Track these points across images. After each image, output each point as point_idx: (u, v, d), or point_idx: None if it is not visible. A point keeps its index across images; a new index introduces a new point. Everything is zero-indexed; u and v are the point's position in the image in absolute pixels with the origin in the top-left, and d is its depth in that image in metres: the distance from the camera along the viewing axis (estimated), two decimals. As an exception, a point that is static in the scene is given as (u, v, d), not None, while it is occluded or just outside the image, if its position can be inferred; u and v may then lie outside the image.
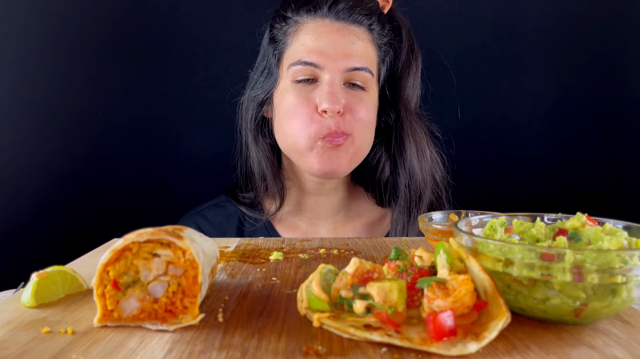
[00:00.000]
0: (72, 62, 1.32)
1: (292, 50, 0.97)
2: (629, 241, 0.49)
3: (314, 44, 0.94)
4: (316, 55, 0.94)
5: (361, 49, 0.96)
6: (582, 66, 1.40)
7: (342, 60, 0.94)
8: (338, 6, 0.96)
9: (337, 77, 0.94)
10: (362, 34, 0.97)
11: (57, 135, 1.32)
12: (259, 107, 1.05)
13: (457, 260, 0.47)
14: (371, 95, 0.99)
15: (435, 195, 1.06)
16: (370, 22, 0.98)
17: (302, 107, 0.94)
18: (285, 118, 0.97)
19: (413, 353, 0.40)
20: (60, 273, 0.55)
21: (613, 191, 1.42)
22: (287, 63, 0.98)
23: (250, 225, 1.07)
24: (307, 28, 0.96)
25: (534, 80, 1.41)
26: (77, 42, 1.32)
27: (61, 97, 1.32)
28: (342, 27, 0.96)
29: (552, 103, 1.41)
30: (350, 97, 0.95)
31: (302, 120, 0.94)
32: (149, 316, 0.46)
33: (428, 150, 1.04)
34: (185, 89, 1.36)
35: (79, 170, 1.33)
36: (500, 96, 1.41)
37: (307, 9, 0.97)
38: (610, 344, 0.42)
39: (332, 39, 0.94)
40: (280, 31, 1.00)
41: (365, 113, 0.97)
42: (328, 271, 0.49)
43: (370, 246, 0.78)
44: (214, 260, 0.54)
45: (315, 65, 0.94)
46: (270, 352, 0.40)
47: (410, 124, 1.03)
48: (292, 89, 0.96)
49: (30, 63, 1.30)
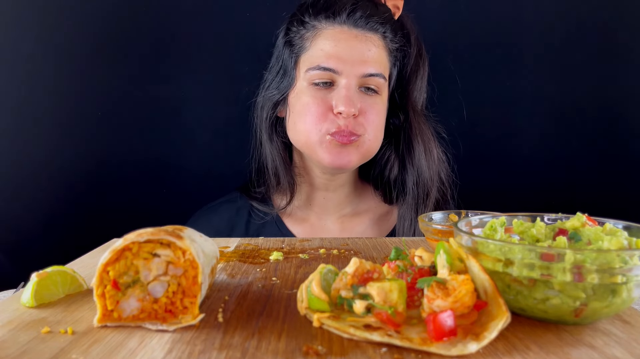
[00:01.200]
0: (71, 62, 1.32)
1: (310, 55, 1.01)
2: (629, 241, 0.49)
3: (333, 50, 0.99)
4: (334, 61, 0.98)
5: (376, 56, 1.01)
6: (584, 66, 1.40)
7: (359, 66, 0.98)
8: (356, 14, 1.00)
9: (353, 82, 0.99)
10: (377, 40, 1.02)
11: (57, 135, 1.32)
12: (274, 107, 1.09)
13: (457, 260, 0.47)
14: (383, 98, 1.04)
15: (441, 192, 1.10)
16: (384, 29, 1.03)
17: (316, 107, 0.99)
18: (299, 116, 1.02)
19: (413, 353, 0.40)
20: (60, 273, 0.55)
21: (613, 191, 1.42)
22: (304, 67, 1.02)
23: (260, 218, 1.11)
24: (326, 34, 1.01)
25: (537, 81, 1.41)
26: (76, 42, 1.31)
27: (61, 97, 1.32)
28: (359, 34, 1.00)
29: (554, 103, 1.41)
30: (364, 101, 1.00)
31: (316, 117, 0.99)
32: (149, 316, 0.46)
33: (435, 149, 1.09)
34: (185, 89, 1.36)
35: (79, 170, 1.33)
36: (502, 96, 1.41)
37: (327, 14, 1.01)
38: (610, 344, 0.42)
39: (350, 45, 0.99)
40: (298, 34, 1.04)
41: (377, 117, 1.02)
42: (328, 271, 0.49)
43: (370, 246, 0.78)
44: (214, 260, 0.54)
45: (333, 70, 0.98)
46: (270, 352, 0.40)
47: (418, 125, 1.07)
48: (309, 91, 1.00)
49: (29, 63, 1.30)
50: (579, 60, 1.39)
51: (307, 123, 1.00)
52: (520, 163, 1.42)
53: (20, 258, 1.29)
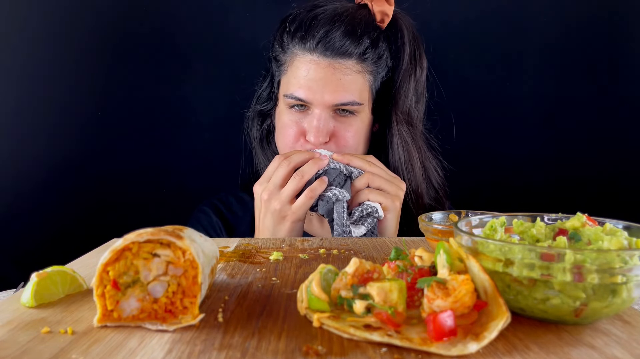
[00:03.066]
0: (72, 63, 1.32)
1: (287, 80, 1.05)
2: (629, 241, 0.49)
3: (303, 81, 1.00)
4: (305, 91, 1.00)
5: (350, 82, 1.00)
6: (583, 67, 1.40)
7: (330, 96, 0.99)
8: (327, 41, 0.98)
9: (324, 112, 1.01)
10: (352, 65, 1.00)
11: (57, 135, 1.32)
12: (263, 121, 1.15)
13: (457, 260, 0.47)
14: (362, 117, 1.05)
15: (430, 198, 1.11)
16: (361, 50, 1.00)
17: (290, 129, 1.03)
18: (279, 133, 1.08)
19: (413, 353, 0.40)
20: (60, 273, 0.55)
21: (613, 191, 1.42)
22: (283, 90, 1.05)
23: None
24: (300, 61, 1.01)
25: (535, 81, 1.41)
26: (76, 42, 1.32)
27: (61, 98, 1.32)
28: (329, 63, 0.99)
29: (552, 104, 1.41)
30: (339, 123, 1.02)
31: (288, 141, 1.04)
32: (148, 316, 0.46)
33: (422, 156, 1.09)
34: (185, 89, 1.37)
35: (79, 170, 1.34)
36: (500, 97, 1.41)
37: (301, 38, 1.01)
38: (610, 344, 0.42)
39: (321, 76, 0.99)
40: (280, 54, 1.06)
41: (352, 136, 1.03)
42: (328, 271, 0.49)
43: (370, 246, 0.78)
44: (214, 260, 0.54)
45: (304, 101, 1.01)
46: (270, 352, 0.40)
47: (401, 132, 1.07)
48: (287, 113, 1.05)
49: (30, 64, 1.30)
50: (578, 62, 1.40)
51: (283, 143, 1.06)
52: (520, 163, 1.42)
53: (20, 258, 1.29)
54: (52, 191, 1.32)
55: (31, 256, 1.29)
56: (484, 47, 1.39)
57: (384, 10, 1.04)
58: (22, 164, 1.31)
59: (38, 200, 1.32)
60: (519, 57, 1.40)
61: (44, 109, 1.31)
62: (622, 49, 1.40)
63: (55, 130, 1.32)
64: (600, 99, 1.40)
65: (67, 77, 1.31)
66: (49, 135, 1.32)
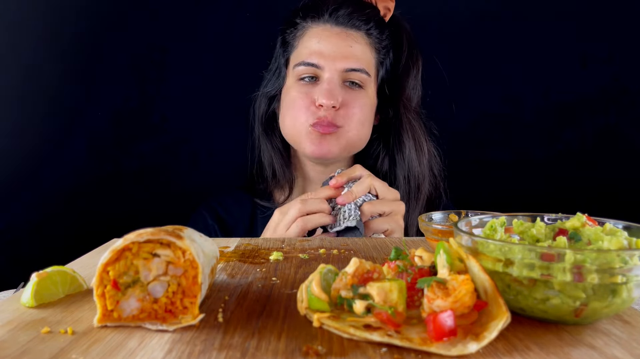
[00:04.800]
0: (72, 63, 1.32)
1: (298, 52, 1.08)
2: (629, 241, 0.49)
3: (316, 47, 1.05)
4: (317, 56, 1.05)
5: (359, 52, 1.06)
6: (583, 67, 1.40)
7: (340, 61, 1.04)
8: (338, 12, 1.06)
9: (335, 76, 1.03)
10: (360, 37, 1.07)
11: (56, 135, 1.32)
12: (269, 103, 1.15)
13: (457, 260, 0.47)
14: (368, 93, 1.08)
15: (433, 186, 1.14)
16: (368, 27, 1.07)
17: (301, 100, 1.05)
18: (287, 110, 1.08)
19: (413, 353, 0.40)
20: (60, 273, 0.55)
21: (613, 191, 1.42)
22: (292, 64, 1.08)
23: (262, 213, 1.16)
24: (311, 32, 1.07)
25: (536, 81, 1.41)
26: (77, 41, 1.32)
27: (60, 98, 1.32)
28: (341, 31, 1.06)
29: (552, 104, 1.41)
30: (347, 95, 1.05)
31: (300, 110, 1.05)
32: (149, 316, 0.46)
33: (425, 144, 1.12)
34: (185, 89, 1.37)
35: (79, 170, 1.34)
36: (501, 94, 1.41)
37: (312, 15, 1.07)
38: (610, 344, 0.42)
39: (332, 42, 1.05)
40: (290, 35, 1.11)
41: (359, 110, 1.06)
42: (328, 271, 0.49)
43: (370, 246, 0.78)
44: (214, 260, 0.54)
45: (316, 65, 1.04)
46: (270, 352, 0.40)
47: (408, 120, 1.11)
48: (296, 86, 1.07)
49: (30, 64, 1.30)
50: (579, 61, 1.39)
51: (292, 116, 1.06)
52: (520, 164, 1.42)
53: (20, 258, 1.29)
54: (52, 191, 1.32)
55: (31, 256, 1.29)
56: (484, 46, 1.39)
57: (386, 5, 1.10)
58: (21, 164, 1.31)
59: (38, 200, 1.32)
60: (518, 56, 1.40)
61: (43, 109, 1.31)
62: (621, 48, 1.40)
63: (54, 130, 1.32)
64: (600, 99, 1.40)
65: (67, 77, 1.31)
66: (48, 136, 1.32)
